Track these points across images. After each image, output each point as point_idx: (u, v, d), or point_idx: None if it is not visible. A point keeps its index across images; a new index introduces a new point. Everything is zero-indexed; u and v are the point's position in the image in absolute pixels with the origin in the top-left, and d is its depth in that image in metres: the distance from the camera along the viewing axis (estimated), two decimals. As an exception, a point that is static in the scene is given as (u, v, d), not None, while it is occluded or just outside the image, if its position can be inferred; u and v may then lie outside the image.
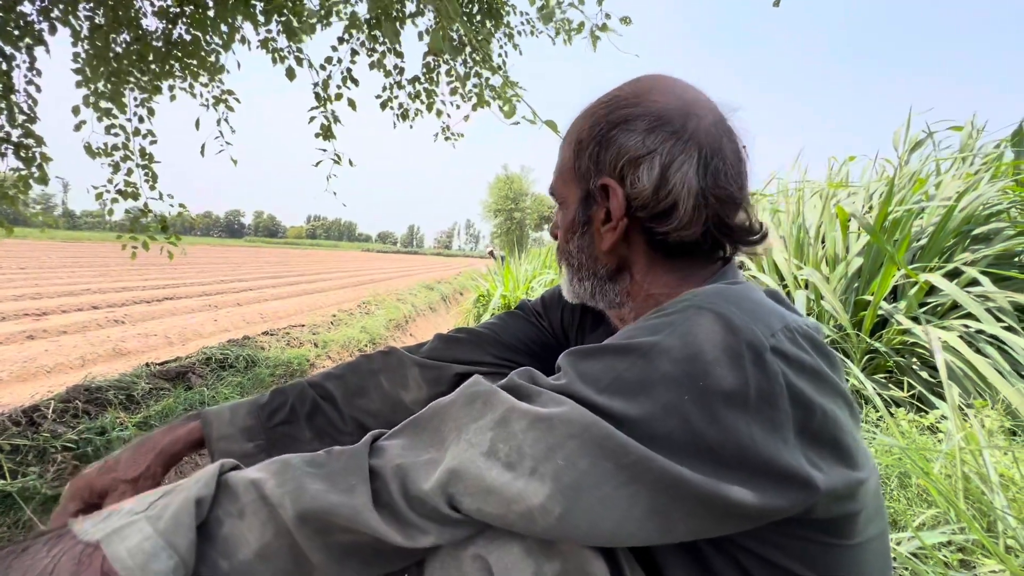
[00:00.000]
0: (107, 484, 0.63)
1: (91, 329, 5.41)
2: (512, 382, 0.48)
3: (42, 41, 2.26)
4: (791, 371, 0.44)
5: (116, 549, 0.40)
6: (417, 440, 0.47)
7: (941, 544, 1.33)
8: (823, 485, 0.43)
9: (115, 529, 0.41)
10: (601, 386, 0.44)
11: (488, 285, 7.43)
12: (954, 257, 2.62)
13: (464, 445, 0.44)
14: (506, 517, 0.43)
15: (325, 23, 2.50)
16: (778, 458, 0.42)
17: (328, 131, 2.57)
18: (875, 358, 2.49)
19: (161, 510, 0.42)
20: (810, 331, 0.49)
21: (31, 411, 2.04)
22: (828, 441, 0.45)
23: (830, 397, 0.46)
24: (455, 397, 0.48)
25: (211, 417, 0.71)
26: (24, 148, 2.29)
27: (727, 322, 0.44)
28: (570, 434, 0.42)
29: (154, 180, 2.57)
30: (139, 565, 0.39)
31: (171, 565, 0.40)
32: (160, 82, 2.58)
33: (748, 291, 0.51)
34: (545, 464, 0.42)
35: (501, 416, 0.44)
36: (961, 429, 1.58)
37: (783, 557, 0.48)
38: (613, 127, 0.60)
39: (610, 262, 0.65)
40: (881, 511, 0.53)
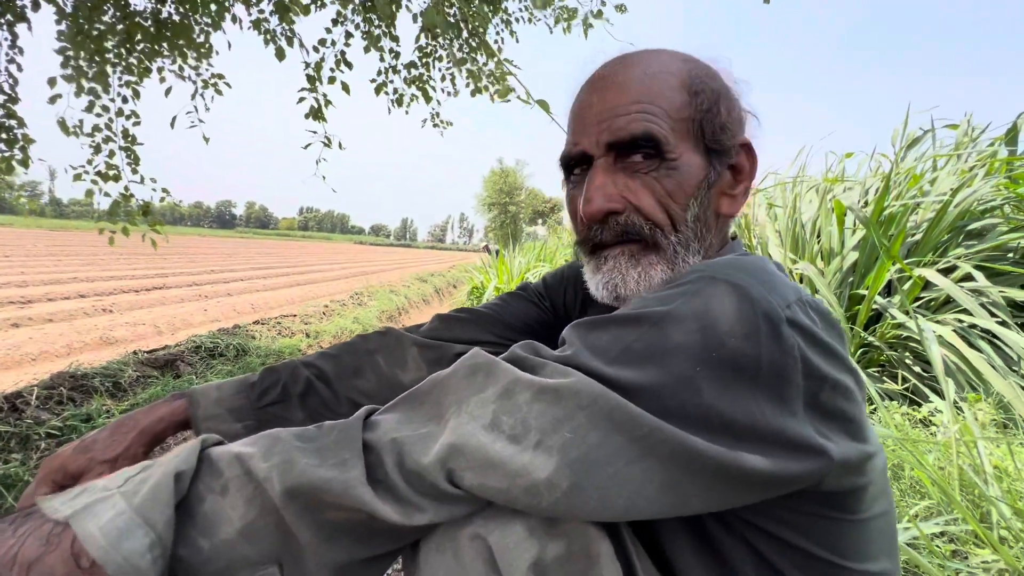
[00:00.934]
0: (83, 465, 0.59)
1: (78, 318, 5.32)
2: (515, 354, 0.46)
3: (24, 18, 2.19)
4: (805, 343, 0.43)
5: (86, 527, 0.37)
6: (415, 414, 0.45)
7: (935, 535, 1.33)
8: (836, 455, 0.42)
9: (86, 505, 0.38)
10: (610, 356, 0.42)
11: (482, 277, 7.41)
12: (948, 252, 2.63)
13: (465, 418, 0.42)
14: (510, 492, 0.40)
15: (319, 3, 2.45)
16: (788, 429, 0.41)
17: (318, 113, 2.51)
18: (869, 352, 2.50)
19: (137, 485, 0.39)
20: (820, 305, 0.48)
21: (14, 397, 1.99)
22: (838, 414, 0.44)
23: (840, 370, 0.45)
24: (455, 369, 0.46)
25: (198, 396, 0.67)
26: (5, 129, 2.22)
27: (743, 292, 0.42)
28: (579, 405, 0.40)
29: (136, 163, 2.48)
30: (111, 543, 0.36)
31: (146, 543, 0.37)
32: (149, 63, 2.51)
33: (762, 262, 0.49)
34: (552, 437, 0.40)
35: (504, 388, 0.42)
36: (957, 421, 1.59)
37: (791, 533, 0.47)
38: (728, 87, 0.59)
39: (719, 232, 0.60)
40: (887, 490, 0.52)
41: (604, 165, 0.57)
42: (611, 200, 0.56)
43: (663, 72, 0.57)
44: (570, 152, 0.60)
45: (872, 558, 0.49)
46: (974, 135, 3.51)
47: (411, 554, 0.46)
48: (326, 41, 2.48)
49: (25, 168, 2.31)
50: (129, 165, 2.47)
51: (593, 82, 0.60)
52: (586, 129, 0.58)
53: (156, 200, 2.57)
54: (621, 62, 0.59)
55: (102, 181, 2.44)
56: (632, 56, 0.60)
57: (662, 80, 0.56)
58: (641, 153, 0.55)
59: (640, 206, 0.56)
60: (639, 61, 0.58)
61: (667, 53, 0.60)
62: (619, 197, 0.56)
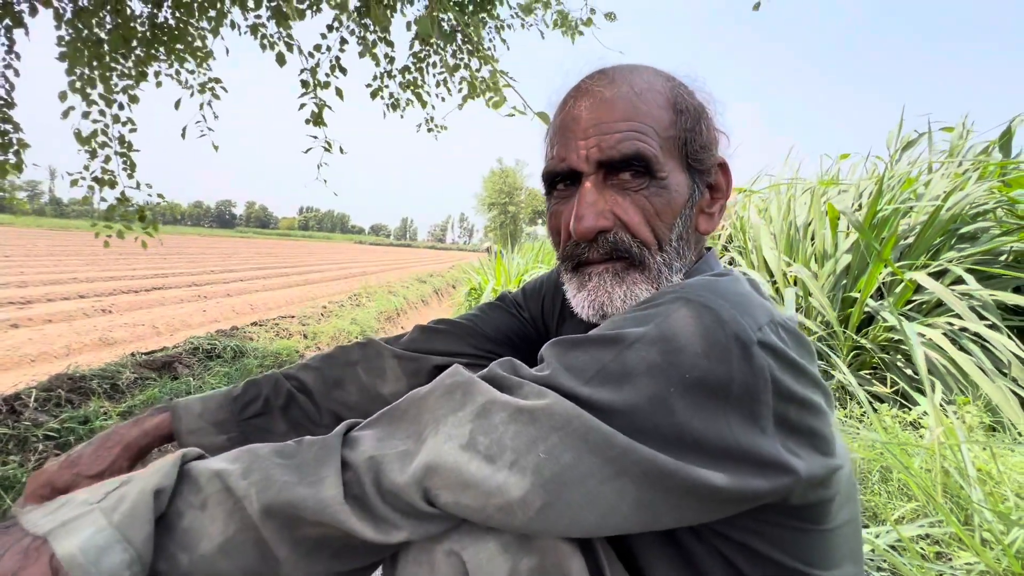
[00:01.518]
0: (69, 480, 0.60)
1: (77, 318, 5.34)
2: (493, 373, 0.47)
3: (22, 23, 2.21)
4: (776, 364, 0.44)
5: (65, 544, 0.37)
6: (393, 431, 0.45)
7: (919, 537, 1.35)
8: (803, 471, 0.43)
9: (64, 521, 0.39)
10: (586, 377, 0.43)
11: (480, 279, 7.41)
12: (941, 255, 2.65)
13: (442, 437, 0.42)
14: (484, 511, 0.41)
15: (316, 9, 2.47)
16: (757, 447, 0.42)
17: (319, 117, 2.53)
18: (861, 354, 2.52)
19: (117, 501, 0.40)
20: (790, 324, 0.50)
21: (12, 399, 2.01)
22: (805, 431, 0.46)
23: (809, 388, 0.47)
24: (433, 387, 0.46)
25: (181, 410, 0.68)
26: (1, 134, 2.24)
27: (715, 315, 0.44)
28: (553, 427, 0.41)
29: (132, 168, 2.52)
30: (91, 561, 0.37)
31: (126, 559, 0.37)
32: (145, 67, 2.53)
33: (735, 284, 0.50)
34: (526, 457, 0.41)
35: (481, 407, 0.43)
36: (941, 424, 1.60)
37: (760, 543, 0.48)
38: (705, 106, 0.60)
39: (697, 249, 0.61)
40: (853, 497, 0.54)
41: (594, 182, 0.56)
42: (602, 218, 0.56)
43: (650, 90, 0.57)
44: (556, 167, 0.59)
45: (837, 564, 0.51)
46: (969, 138, 3.52)
47: (390, 568, 0.47)
48: (321, 47, 2.50)
49: (19, 173, 2.33)
50: (125, 171, 2.50)
51: (578, 97, 0.59)
52: (572, 145, 0.57)
53: (152, 203, 2.60)
54: (605, 77, 0.59)
55: (98, 186, 2.46)
56: (615, 71, 0.60)
57: (649, 98, 0.57)
58: (631, 171, 0.56)
59: (629, 224, 0.56)
60: (624, 77, 0.58)
61: (649, 70, 0.60)
62: (609, 214, 0.56)
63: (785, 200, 3.50)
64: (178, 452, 0.45)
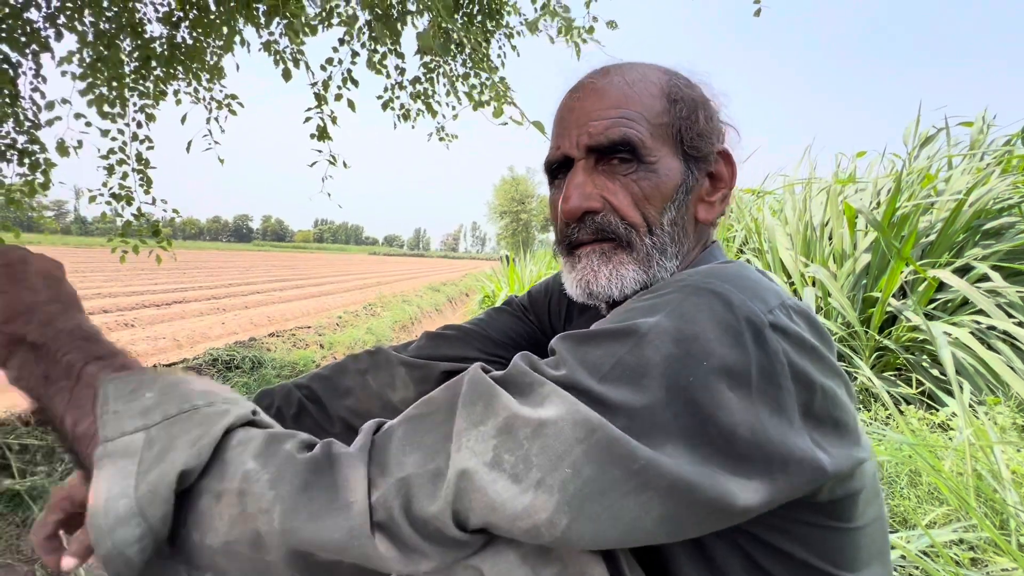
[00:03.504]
0: (87, 495, 0.60)
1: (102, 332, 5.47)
2: (513, 371, 0.45)
3: (48, 47, 2.29)
4: (791, 348, 0.43)
5: (100, 487, 0.39)
6: (419, 442, 0.43)
7: (952, 542, 1.31)
8: (830, 468, 0.42)
9: (111, 454, 0.40)
10: (602, 373, 0.42)
11: (493, 286, 7.43)
12: (964, 252, 2.58)
13: (467, 453, 0.40)
14: (511, 532, 0.40)
15: (327, 24, 2.52)
16: (787, 442, 0.41)
17: (324, 132, 2.58)
18: (884, 355, 2.46)
19: (152, 462, 0.40)
20: (804, 308, 0.48)
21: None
22: (830, 421, 0.44)
23: (829, 375, 0.45)
24: (454, 392, 0.44)
25: None
26: (29, 154, 2.32)
27: (724, 300, 0.43)
28: (577, 439, 0.40)
29: (148, 185, 2.59)
30: (108, 527, 0.38)
31: (137, 533, 0.38)
32: (164, 86, 2.60)
33: (742, 269, 0.50)
34: (552, 475, 0.39)
35: (504, 422, 0.41)
36: (971, 425, 1.55)
37: (786, 542, 0.47)
38: (707, 99, 0.61)
39: (696, 238, 0.61)
40: (878, 493, 0.52)
41: (584, 166, 0.58)
42: (589, 199, 0.57)
43: (642, 80, 0.59)
44: (552, 156, 0.62)
45: (866, 564, 0.50)
46: (989, 132, 3.44)
47: None
48: (333, 60, 2.54)
49: (45, 191, 2.41)
50: (142, 187, 2.57)
51: (574, 90, 0.62)
52: (567, 133, 0.59)
53: (167, 218, 2.67)
54: (601, 71, 0.62)
55: (116, 203, 2.54)
56: (612, 66, 0.62)
57: (641, 87, 0.58)
58: (619, 156, 0.57)
59: (617, 206, 0.57)
60: (619, 70, 0.60)
61: (647, 65, 0.62)
62: (597, 196, 0.57)
63: (801, 200, 3.45)
64: (222, 420, 0.43)
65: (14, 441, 1.80)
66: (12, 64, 2.20)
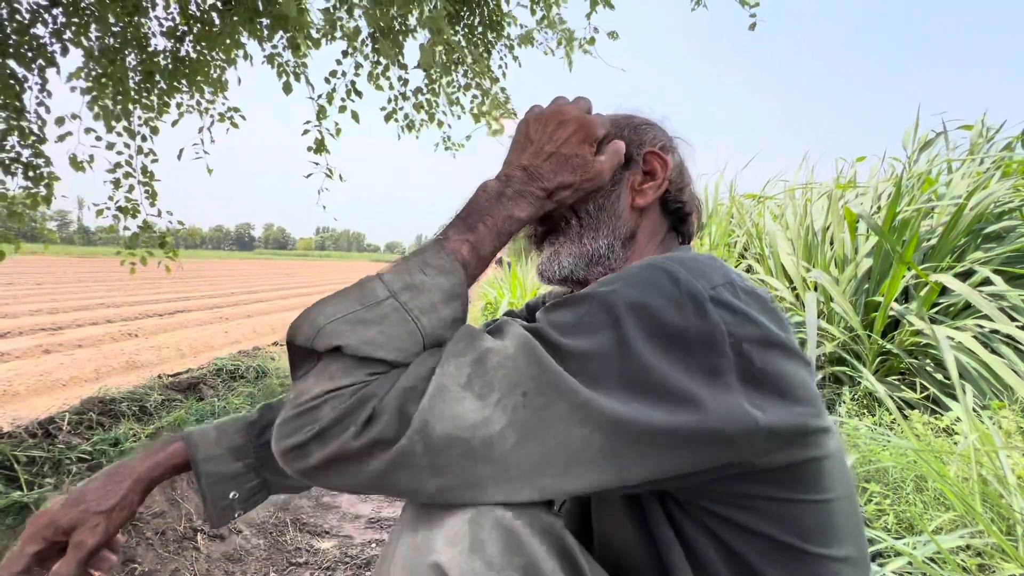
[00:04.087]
0: (75, 517, 0.58)
1: (105, 343, 5.49)
2: (496, 322, 0.55)
3: (54, 63, 2.32)
4: (732, 319, 0.48)
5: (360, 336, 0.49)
6: (420, 361, 0.51)
7: (959, 548, 1.30)
8: (763, 422, 0.46)
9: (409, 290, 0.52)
10: (565, 328, 0.49)
11: (495, 293, 7.44)
12: (966, 256, 2.59)
13: (440, 375, 0.48)
14: (471, 442, 0.46)
15: (330, 37, 2.55)
16: (718, 395, 0.46)
17: (321, 145, 2.61)
18: (888, 360, 2.46)
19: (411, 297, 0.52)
20: (756, 290, 0.54)
21: (47, 423, 2.07)
22: (773, 388, 0.49)
23: (775, 350, 0.50)
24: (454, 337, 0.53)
25: (196, 438, 0.67)
26: (33, 168, 2.34)
27: (672, 276, 0.49)
28: (531, 375, 0.47)
29: (154, 197, 2.63)
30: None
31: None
32: (168, 99, 2.63)
33: (699, 257, 0.56)
34: (508, 398, 0.46)
35: (479, 355, 0.48)
36: (976, 430, 1.55)
37: (752, 519, 0.50)
38: (641, 123, 0.72)
39: (632, 223, 0.69)
40: (847, 473, 0.56)
41: None
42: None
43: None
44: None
45: (837, 542, 0.51)
46: (989, 135, 3.45)
47: (390, 547, 0.49)
48: (336, 72, 2.57)
49: (47, 205, 2.43)
50: (147, 199, 2.59)
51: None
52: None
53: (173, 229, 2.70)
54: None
55: (122, 215, 2.56)
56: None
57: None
58: None
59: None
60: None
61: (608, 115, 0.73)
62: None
63: (801, 205, 3.46)
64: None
65: (21, 453, 1.80)
66: (18, 79, 2.23)
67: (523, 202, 0.59)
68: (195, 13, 2.48)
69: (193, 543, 1.67)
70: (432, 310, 0.52)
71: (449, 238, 0.56)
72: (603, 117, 0.65)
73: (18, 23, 2.18)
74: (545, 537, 0.47)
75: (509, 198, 0.59)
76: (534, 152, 0.61)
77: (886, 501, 1.52)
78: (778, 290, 2.97)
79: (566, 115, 0.62)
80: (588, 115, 0.63)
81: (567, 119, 0.61)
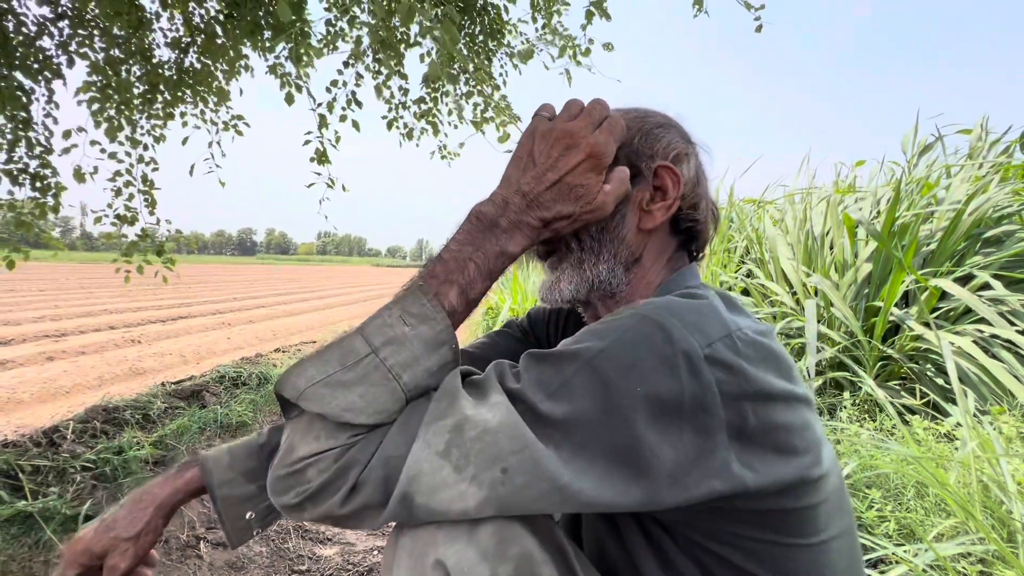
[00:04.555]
0: (107, 544, 0.62)
1: (108, 349, 5.51)
2: (482, 376, 0.52)
3: (60, 74, 2.35)
4: (726, 377, 0.47)
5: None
6: (405, 423, 0.51)
7: (959, 555, 1.30)
8: (753, 483, 0.46)
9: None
10: (550, 391, 0.48)
11: (496, 298, 7.44)
12: (965, 261, 2.59)
13: (420, 445, 0.48)
14: (448, 515, 0.47)
15: (332, 48, 2.57)
16: (706, 467, 0.46)
17: (323, 156, 2.63)
18: (888, 365, 2.46)
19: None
20: (757, 337, 0.51)
21: (51, 432, 2.08)
22: (769, 441, 0.48)
23: (775, 400, 0.49)
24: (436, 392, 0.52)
25: (210, 464, 0.68)
26: (40, 178, 2.37)
27: (666, 332, 0.48)
28: (512, 450, 0.46)
29: (153, 205, 2.66)
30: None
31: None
32: (172, 108, 2.66)
33: (698, 304, 0.53)
34: (485, 472, 0.46)
35: (457, 422, 0.48)
36: (976, 436, 1.56)
37: (743, 559, 0.50)
38: (655, 127, 0.66)
39: (636, 246, 0.65)
40: (845, 508, 0.55)
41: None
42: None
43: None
44: None
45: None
46: (988, 140, 3.46)
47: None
48: (338, 82, 2.60)
49: (55, 213, 2.46)
50: (147, 207, 2.62)
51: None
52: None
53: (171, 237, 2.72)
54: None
55: (120, 223, 2.58)
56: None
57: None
58: None
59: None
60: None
61: (620, 113, 0.67)
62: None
63: (801, 210, 3.47)
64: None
65: (26, 462, 1.82)
66: (25, 91, 2.26)
67: (518, 235, 0.56)
68: (199, 25, 2.51)
69: (196, 551, 1.68)
70: (414, 363, 0.51)
71: (435, 276, 0.54)
72: (615, 122, 0.60)
73: (25, 35, 2.22)
74: (539, 533, 0.50)
75: (504, 230, 0.56)
76: (536, 177, 0.57)
77: (887, 507, 1.52)
78: (778, 295, 2.98)
79: (576, 140, 0.57)
80: (600, 141, 0.57)
81: (576, 144, 0.56)
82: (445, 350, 0.53)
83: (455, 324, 0.54)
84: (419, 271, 0.56)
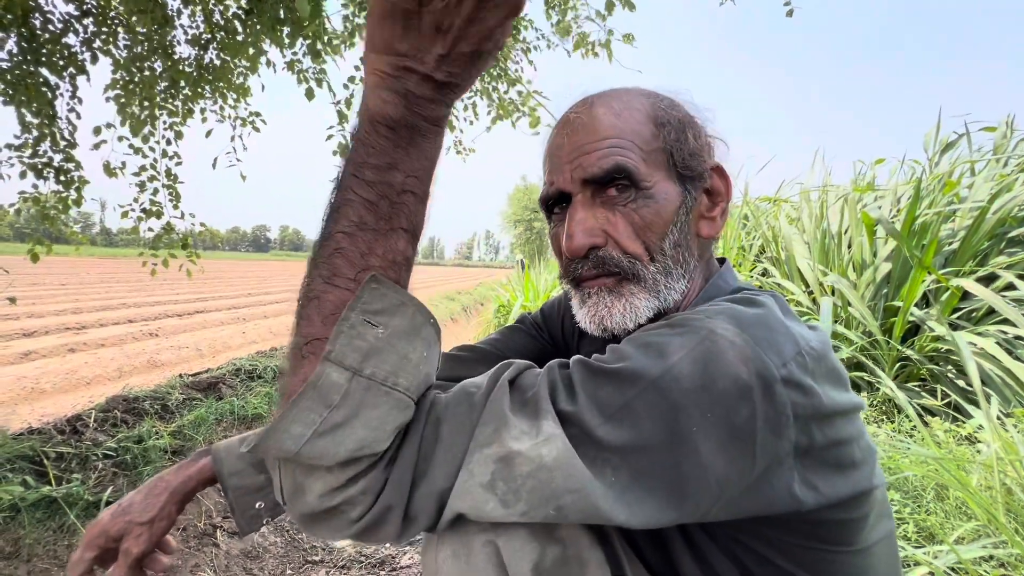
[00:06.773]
0: (122, 528, 0.63)
1: (127, 342, 5.62)
2: (535, 392, 0.47)
3: (84, 70, 2.40)
4: (801, 399, 0.44)
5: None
6: (450, 444, 0.47)
7: (981, 559, 1.28)
8: (812, 502, 0.45)
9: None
10: (609, 413, 0.44)
11: (508, 295, 7.45)
12: (988, 261, 2.54)
13: (465, 475, 0.44)
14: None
15: (350, 44, 2.59)
16: (768, 486, 0.44)
17: (346, 150, 2.63)
18: (907, 366, 2.42)
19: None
20: (819, 349, 0.49)
21: (74, 420, 2.13)
22: (831, 458, 0.46)
23: (838, 416, 0.47)
24: (481, 400, 0.47)
25: (221, 454, 0.68)
26: (64, 172, 2.42)
27: (740, 352, 0.44)
28: (568, 489, 0.43)
29: (177, 199, 2.71)
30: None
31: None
32: (192, 104, 2.70)
33: (763, 315, 0.50)
34: (537, 511, 0.44)
35: (506, 453, 0.44)
36: (999, 438, 1.53)
37: (784, 560, 0.49)
38: (688, 120, 0.61)
39: (700, 254, 0.61)
40: (887, 513, 0.53)
41: (583, 200, 0.58)
42: (591, 235, 0.57)
43: (628, 108, 0.59)
44: (547, 192, 0.62)
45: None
46: (1014, 138, 3.38)
47: (430, 558, 0.50)
48: (355, 78, 2.62)
49: (78, 207, 2.51)
50: (171, 201, 2.66)
51: (561, 125, 0.62)
52: (559, 169, 0.60)
53: (195, 230, 2.76)
54: (585, 104, 0.61)
55: (147, 217, 2.63)
56: (595, 97, 0.62)
57: (627, 115, 0.58)
58: (616, 186, 0.57)
59: (618, 239, 0.57)
60: (602, 101, 0.60)
61: (628, 90, 0.62)
62: (599, 231, 0.57)
63: (818, 207, 3.43)
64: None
65: (50, 449, 1.86)
66: (51, 86, 2.31)
67: (437, 113, 0.48)
68: (219, 21, 2.54)
69: (213, 539, 1.71)
70: (404, 363, 0.45)
71: (374, 254, 0.46)
72: (642, 92, 0.58)
73: (51, 32, 2.26)
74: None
75: (423, 134, 0.47)
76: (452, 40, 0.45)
77: (906, 510, 1.50)
78: (794, 294, 2.94)
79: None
80: None
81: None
82: (426, 330, 0.47)
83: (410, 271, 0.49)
84: (338, 235, 0.47)
